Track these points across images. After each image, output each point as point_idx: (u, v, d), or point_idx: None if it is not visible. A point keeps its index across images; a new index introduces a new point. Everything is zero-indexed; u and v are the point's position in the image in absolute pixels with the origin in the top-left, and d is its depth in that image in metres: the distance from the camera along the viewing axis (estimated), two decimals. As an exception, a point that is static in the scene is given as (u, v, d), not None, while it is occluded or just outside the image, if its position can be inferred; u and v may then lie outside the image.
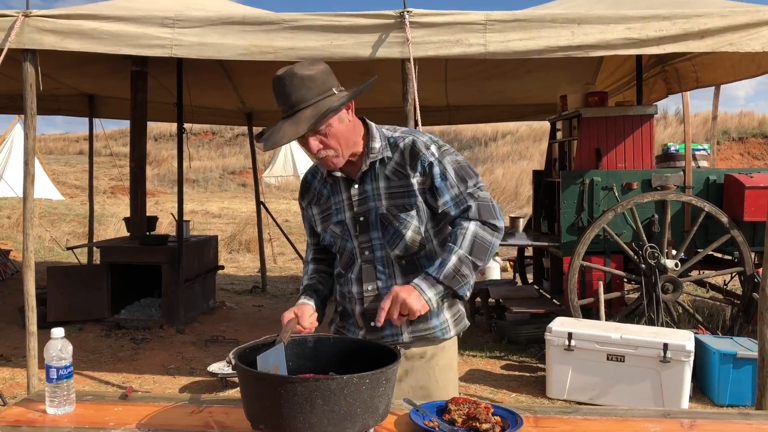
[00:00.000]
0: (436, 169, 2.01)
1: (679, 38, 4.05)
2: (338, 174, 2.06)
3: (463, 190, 2.02)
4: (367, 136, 2.05)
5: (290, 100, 1.90)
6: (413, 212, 2.03)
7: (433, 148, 2.03)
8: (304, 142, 1.93)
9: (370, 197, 2.05)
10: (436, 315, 2.12)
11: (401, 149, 2.04)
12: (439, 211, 2.04)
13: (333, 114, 1.91)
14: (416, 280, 1.94)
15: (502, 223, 2.06)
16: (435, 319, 2.12)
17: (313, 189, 2.16)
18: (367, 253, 2.08)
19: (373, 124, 2.08)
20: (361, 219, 2.06)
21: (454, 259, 1.94)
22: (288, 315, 2.01)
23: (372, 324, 1.99)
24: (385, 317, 1.88)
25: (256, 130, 11.38)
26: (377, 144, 2.04)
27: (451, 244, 1.97)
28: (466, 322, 2.22)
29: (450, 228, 2.08)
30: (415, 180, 2.02)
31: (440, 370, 2.16)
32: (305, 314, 2.04)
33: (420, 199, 2.03)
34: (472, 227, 1.98)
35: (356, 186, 2.06)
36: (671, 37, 4.05)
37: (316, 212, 2.16)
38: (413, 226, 2.04)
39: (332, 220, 2.11)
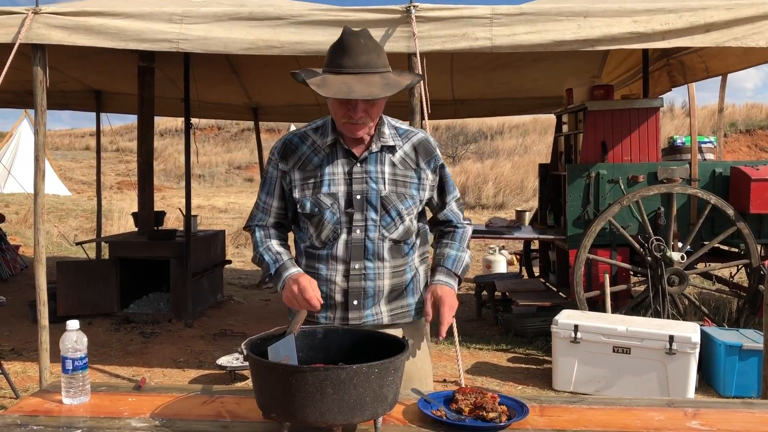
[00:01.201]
0: (445, 171, 2.21)
1: (684, 32, 4.06)
2: (346, 147, 2.07)
3: (457, 192, 2.28)
4: (379, 121, 2.10)
5: (359, 59, 1.92)
6: (416, 202, 2.12)
7: (438, 150, 2.19)
8: (348, 103, 1.94)
9: (372, 179, 2.07)
10: (412, 293, 2.18)
11: (414, 143, 2.14)
12: (444, 207, 2.24)
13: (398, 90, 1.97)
14: (445, 279, 2.14)
15: None
16: (411, 297, 2.18)
17: (300, 153, 2.11)
18: (358, 231, 2.07)
19: None
20: (358, 197, 2.06)
21: (466, 257, 2.21)
22: (306, 282, 1.98)
23: (355, 302, 2.10)
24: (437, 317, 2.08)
25: (263, 125, 11.42)
26: (386, 130, 2.11)
27: (457, 243, 2.23)
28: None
29: (445, 225, 2.28)
30: (428, 176, 2.14)
31: (418, 351, 2.23)
32: (317, 286, 2.02)
33: (426, 193, 2.15)
34: (469, 230, 2.28)
35: (359, 165, 2.07)
36: (676, 30, 4.06)
37: (297, 177, 2.10)
38: (413, 215, 2.13)
39: (323, 191, 2.07)
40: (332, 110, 2.02)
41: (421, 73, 4.06)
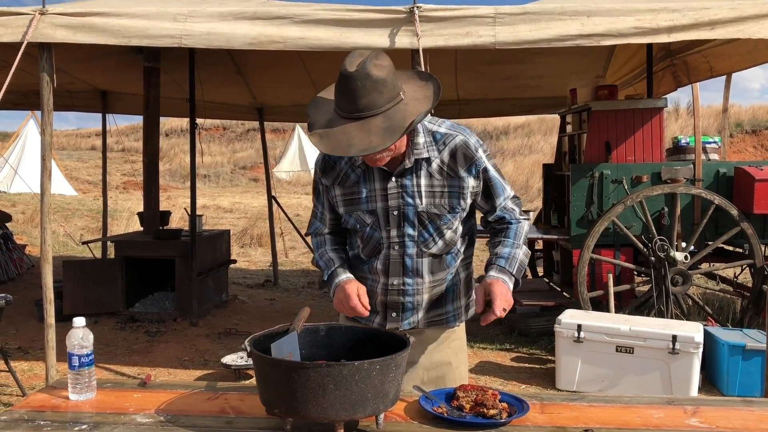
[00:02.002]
0: (491, 173, 2.06)
1: (689, 27, 4.07)
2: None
3: (509, 189, 2.12)
4: (411, 131, 1.95)
5: (358, 103, 1.79)
6: (456, 213, 2.05)
7: (481, 151, 2.04)
8: None
9: (408, 193, 2.01)
10: (451, 300, 2.16)
11: (451, 149, 2.01)
12: (495, 210, 2.10)
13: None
14: (496, 274, 1.98)
15: None
16: (450, 305, 2.16)
17: (339, 169, 2.06)
18: (397, 247, 2.05)
19: None
20: (395, 213, 2.02)
21: (520, 254, 2.05)
22: (352, 291, 2.00)
23: (393, 315, 2.11)
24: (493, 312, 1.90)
25: (268, 125, 11.41)
26: (421, 139, 1.99)
27: (511, 240, 2.07)
28: (473, 309, 2.19)
29: (498, 223, 2.14)
30: (469, 183, 2.03)
31: (453, 351, 2.22)
32: (365, 293, 2.03)
33: (468, 200, 2.05)
34: (525, 225, 2.12)
35: (394, 179, 2.00)
36: (682, 26, 4.07)
37: (338, 193, 2.08)
38: (454, 227, 2.07)
39: (362, 208, 2.05)
40: None
41: (423, 69, 4.06)
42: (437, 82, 1.92)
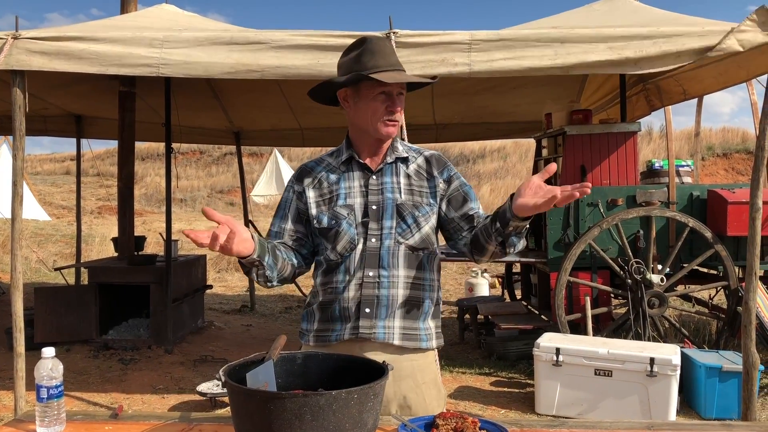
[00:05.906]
0: (462, 180, 2.22)
1: (656, 59, 4.14)
2: (360, 161, 2.15)
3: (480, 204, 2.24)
4: (392, 138, 2.21)
5: (391, 59, 2.09)
6: (433, 209, 2.15)
7: (451, 164, 2.26)
8: (388, 99, 2.06)
9: (388, 189, 2.13)
10: (424, 318, 2.15)
11: (426, 156, 2.22)
12: (469, 214, 2.14)
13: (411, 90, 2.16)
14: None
15: None
16: (422, 322, 2.15)
17: (316, 173, 2.19)
18: (374, 240, 2.09)
19: None
20: (374, 207, 2.10)
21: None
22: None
23: (367, 310, 2.07)
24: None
25: (245, 149, 11.35)
26: (400, 146, 2.21)
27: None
28: (442, 340, 2.24)
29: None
30: (439, 184, 2.17)
31: (426, 387, 2.17)
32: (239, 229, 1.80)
33: (438, 203, 2.17)
34: None
35: (374, 177, 2.14)
36: (649, 57, 4.14)
37: (312, 195, 2.15)
38: (431, 224, 2.14)
39: (339, 203, 2.12)
40: (370, 112, 2.07)
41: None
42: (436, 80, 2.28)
